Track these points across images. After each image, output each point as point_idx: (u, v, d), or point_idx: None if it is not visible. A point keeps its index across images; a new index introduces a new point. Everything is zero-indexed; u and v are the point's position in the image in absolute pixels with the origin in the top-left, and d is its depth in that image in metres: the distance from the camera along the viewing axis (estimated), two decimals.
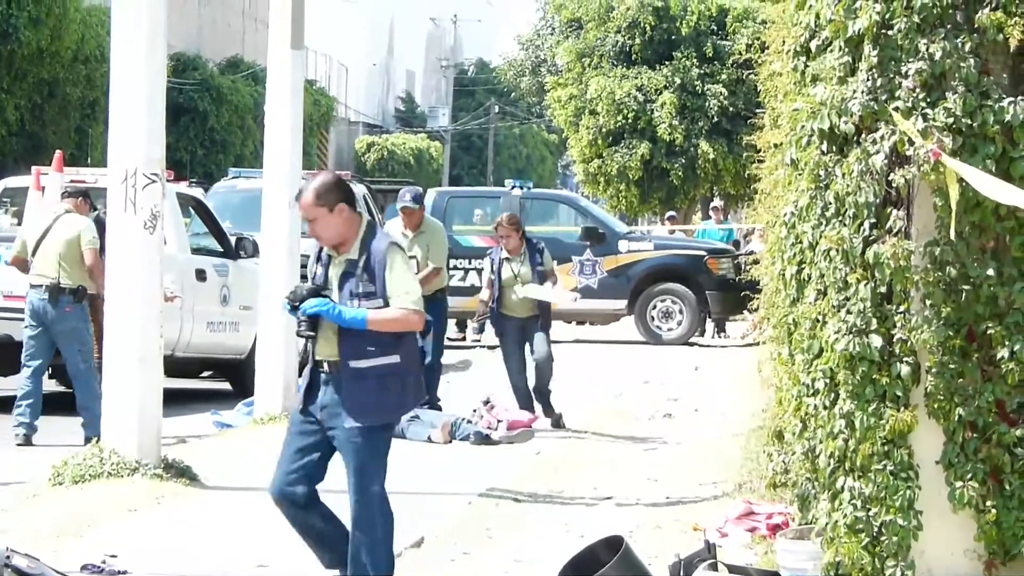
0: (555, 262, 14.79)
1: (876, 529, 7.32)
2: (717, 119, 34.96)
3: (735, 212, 37.65)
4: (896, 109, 7.22)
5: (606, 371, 18.69)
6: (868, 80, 7.30)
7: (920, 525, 7.30)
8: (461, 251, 22.31)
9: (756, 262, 12.21)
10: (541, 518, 10.04)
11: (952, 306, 7.27)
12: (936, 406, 7.29)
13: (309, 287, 7.45)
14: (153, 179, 10.79)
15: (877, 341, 7.28)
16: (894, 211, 7.30)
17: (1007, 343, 7.22)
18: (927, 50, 7.21)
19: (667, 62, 35.65)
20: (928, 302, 7.28)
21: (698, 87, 35.24)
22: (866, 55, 7.32)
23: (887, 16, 7.28)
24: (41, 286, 13.13)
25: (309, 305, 7.33)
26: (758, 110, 12.74)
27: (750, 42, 12.56)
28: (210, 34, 46.22)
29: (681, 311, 22.57)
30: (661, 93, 35.21)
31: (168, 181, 12.91)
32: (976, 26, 7.25)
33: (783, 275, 8.26)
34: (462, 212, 23.93)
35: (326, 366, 7.40)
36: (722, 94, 34.78)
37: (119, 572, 8.28)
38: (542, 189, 36.66)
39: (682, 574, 7.74)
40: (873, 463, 7.30)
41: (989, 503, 7.29)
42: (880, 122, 7.28)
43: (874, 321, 7.31)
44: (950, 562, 7.40)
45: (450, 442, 13.22)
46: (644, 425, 14.68)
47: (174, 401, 13.61)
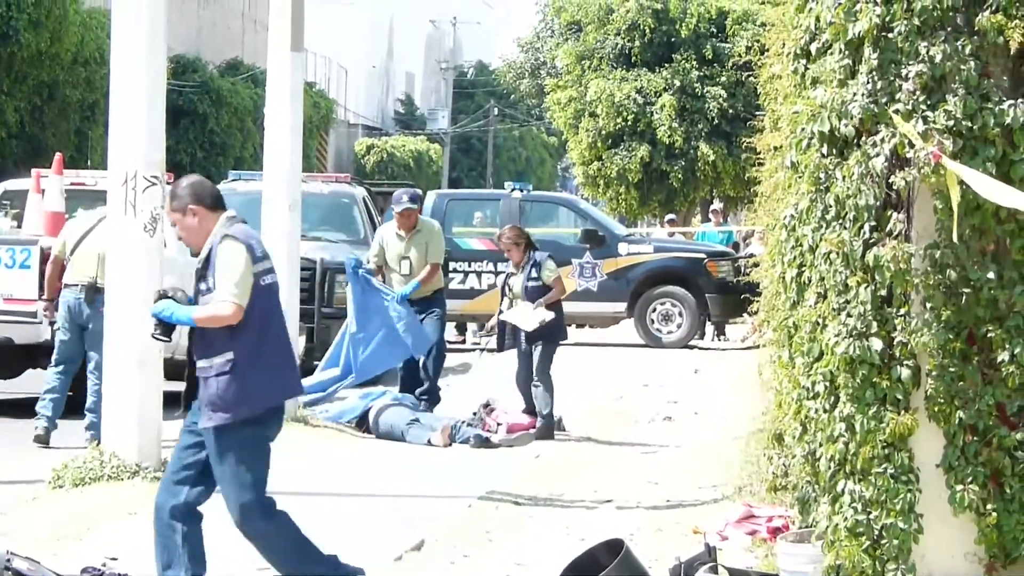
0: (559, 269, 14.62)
1: (877, 532, 7.32)
2: (717, 121, 34.93)
3: (735, 215, 37.66)
4: (896, 112, 7.22)
5: (606, 374, 18.65)
6: (868, 83, 7.30)
7: (921, 528, 7.31)
8: (460, 254, 22.28)
9: (756, 265, 12.20)
10: (541, 521, 10.03)
11: (952, 309, 7.27)
12: (936, 409, 7.30)
13: (160, 290, 7.51)
14: (153, 181, 10.80)
15: (877, 344, 7.28)
16: (894, 214, 7.30)
17: (1007, 346, 7.23)
18: (927, 53, 7.21)
19: (667, 64, 35.62)
20: (928, 305, 7.28)
21: (698, 89, 35.21)
22: (866, 58, 7.32)
23: (887, 19, 7.28)
24: (77, 285, 12.99)
25: (153, 308, 7.39)
26: (758, 113, 12.75)
27: (750, 44, 12.60)
28: (210, 36, 46.27)
29: (681, 314, 22.53)
30: (661, 95, 35.18)
31: (168, 183, 12.85)
32: (976, 29, 7.25)
33: (783, 278, 8.26)
34: (461, 215, 23.85)
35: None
36: (722, 96, 34.74)
37: (119, 575, 8.27)
38: (542, 192, 36.67)
39: None
40: (873, 466, 7.30)
41: (989, 506, 7.30)
42: (880, 125, 7.28)
43: (874, 324, 7.31)
44: (950, 565, 7.40)
45: (450, 445, 13.21)
46: (644, 428, 14.67)
47: (174, 404, 13.56)
